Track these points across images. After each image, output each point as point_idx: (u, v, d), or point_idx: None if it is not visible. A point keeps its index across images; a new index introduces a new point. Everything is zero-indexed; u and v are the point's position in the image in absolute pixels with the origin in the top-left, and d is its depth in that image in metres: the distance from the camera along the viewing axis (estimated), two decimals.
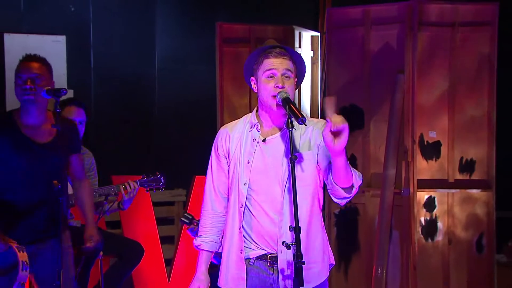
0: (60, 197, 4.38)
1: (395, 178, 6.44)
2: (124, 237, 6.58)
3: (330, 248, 4.04)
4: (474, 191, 6.65)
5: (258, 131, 3.88)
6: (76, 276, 5.11)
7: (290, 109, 3.68)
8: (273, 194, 3.87)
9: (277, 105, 3.77)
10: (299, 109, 3.75)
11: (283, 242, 3.80)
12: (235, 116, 7.46)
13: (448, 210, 6.59)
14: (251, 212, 3.87)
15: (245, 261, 3.88)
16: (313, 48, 7.96)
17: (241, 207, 3.86)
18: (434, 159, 6.56)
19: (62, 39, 7.95)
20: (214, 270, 4.16)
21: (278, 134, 3.90)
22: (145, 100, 8.60)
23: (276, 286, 3.87)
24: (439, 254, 6.57)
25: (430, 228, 6.57)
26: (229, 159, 3.91)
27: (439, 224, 6.57)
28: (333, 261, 4.04)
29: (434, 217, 6.56)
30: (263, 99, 3.82)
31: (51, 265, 4.44)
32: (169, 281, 6.78)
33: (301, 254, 3.59)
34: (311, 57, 7.94)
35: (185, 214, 5.73)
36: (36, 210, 4.68)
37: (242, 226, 3.88)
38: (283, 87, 3.75)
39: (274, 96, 3.75)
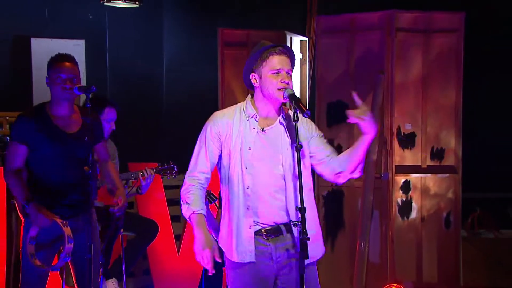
0: (90, 181, 4.32)
1: (376, 165, 6.43)
2: (141, 216, 6.52)
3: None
4: (443, 175, 6.65)
5: (256, 121, 3.84)
6: (102, 251, 5.06)
7: (296, 104, 3.69)
8: (273, 178, 3.85)
9: (284, 96, 3.77)
10: (304, 104, 3.73)
11: (290, 221, 3.83)
12: None
13: (421, 192, 6.59)
14: (251, 193, 3.83)
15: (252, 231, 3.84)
16: (302, 51, 7.95)
17: (247, 188, 3.80)
18: (409, 148, 6.54)
19: (81, 43, 7.90)
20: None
21: (274, 124, 3.90)
22: (154, 96, 8.61)
23: (273, 254, 3.85)
24: (413, 230, 6.56)
25: (406, 207, 6.56)
26: (224, 144, 3.82)
27: (413, 204, 6.56)
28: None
29: (409, 198, 6.54)
30: (268, 92, 3.80)
31: (83, 240, 4.37)
32: (178, 254, 6.71)
33: (306, 231, 3.61)
34: (300, 59, 7.92)
35: (210, 193, 5.66)
36: (69, 191, 4.61)
37: (245, 204, 3.84)
38: (288, 83, 3.76)
39: (280, 89, 3.75)
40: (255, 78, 3.83)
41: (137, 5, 7.33)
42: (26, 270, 4.62)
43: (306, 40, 7.95)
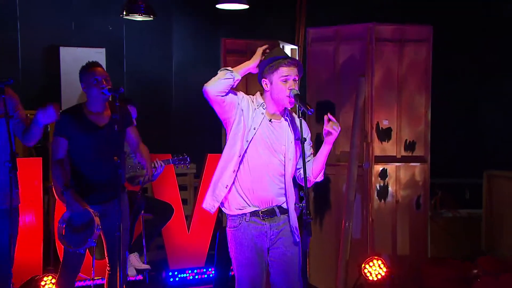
0: (119, 170, 4.34)
1: (358, 155, 6.42)
2: (158, 200, 6.50)
3: None
4: (414, 164, 6.66)
5: (264, 109, 3.90)
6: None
7: (301, 103, 3.75)
8: (273, 164, 3.89)
9: (290, 102, 3.84)
10: (308, 103, 3.76)
11: (295, 204, 3.90)
12: None
13: (396, 179, 6.61)
14: (249, 174, 3.87)
15: (241, 216, 3.91)
16: None
17: (239, 157, 3.85)
18: (386, 140, 6.56)
19: (103, 51, 7.89)
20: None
21: (281, 119, 3.95)
22: (165, 96, 8.60)
23: (268, 232, 3.90)
24: (389, 211, 6.59)
25: (383, 192, 6.59)
26: (238, 112, 3.88)
27: (390, 189, 6.58)
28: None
29: (386, 184, 6.57)
30: (277, 97, 3.86)
31: (114, 220, 4.39)
32: (188, 232, 6.70)
33: (309, 212, 3.65)
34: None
35: None
36: (101, 178, 4.64)
37: (240, 185, 3.89)
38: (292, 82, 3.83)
39: (288, 96, 3.80)
40: (266, 83, 3.91)
41: (151, 18, 7.31)
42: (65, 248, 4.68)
43: (296, 48, 7.92)
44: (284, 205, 3.94)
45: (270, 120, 3.90)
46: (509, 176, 7.63)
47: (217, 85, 3.81)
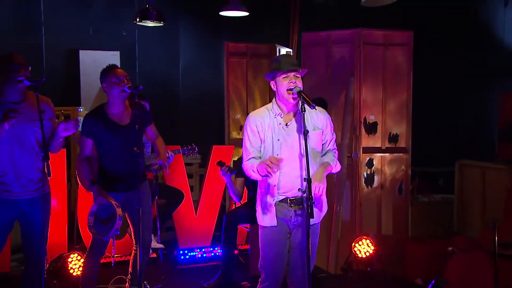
0: (139, 159, 4.32)
1: (348, 147, 6.44)
2: (171, 186, 6.47)
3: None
4: (397, 154, 6.68)
5: (282, 117, 3.86)
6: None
7: (303, 98, 3.72)
8: (295, 160, 3.85)
9: (293, 98, 3.80)
10: (310, 98, 3.72)
11: (298, 189, 3.82)
12: (237, 104, 7.48)
13: (381, 167, 6.63)
14: (280, 173, 3.81)
15: (274, 204, 3.87)
16: None
17: (276, 170, 3.73)
18: (373, 133, 6.57)
19: (117, 53, 7.86)
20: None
21: (294, 119, 3.89)
22: (172, 94, 8.59)
23: (293, 218, 3.88)
24: (375, 196, 6.62)
25: (370, 179, 6.60)
26: (260, 137, 3.85)
27: (375, 177, 6.60)
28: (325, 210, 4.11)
29: (372, 172, 6.58)
30: (281, 93, 3.84)
31: (136, 204, 4.36)
32: (196, 215, 6.68)
33: (312, 197, 3.65)
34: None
35: (220, 161, 5.77)
36: (126, 169, 4.61)
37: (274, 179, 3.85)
38: (295, 82, 3.79)
39: (289, 90, 3.78)
40: (273, 85, 3.91)
41: (161, 24, 7.28)
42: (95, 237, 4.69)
43: (290, 51, 7.92)
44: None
45: (286, 124, 3.87)
46: (477, 165, 7.65)
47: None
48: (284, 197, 3.86)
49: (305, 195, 3.73)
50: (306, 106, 3.77)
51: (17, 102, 4.27)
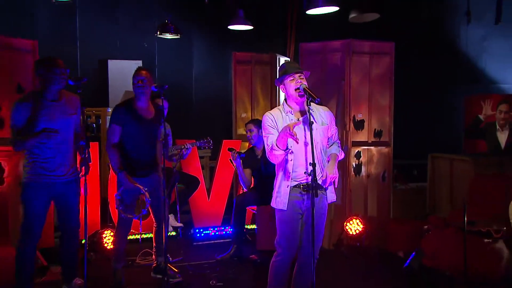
0: (164, 149, 4.44)
1: (340, 141, 6.33)
2: (188, 174, 6.45)
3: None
4: (381, 148, 6.64)
5: (292, 114, 3.84)
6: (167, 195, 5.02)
7: (308, 94, 3.69)
8: (304, 151, 3.82)
9: (300, 95, 3.78)
10: (315, 94, 3.69)
11: (304, 172, 3.79)
12: (243, 106, 7.44)
13: (367, 159, 6.59)
14: (294, 161, 3.81)
15: (289, 189, 3.84)
16: None
17: (291, 160, 3.79)
18: (360, 129, 6.51)
19: (140, 62, 7.75)
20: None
21: (303, 117, 3.86)
22: (187, 96, 8.63)
23: (305, 201, 3.84)
24: (363, 183, 6.57)
25: (358, 168, 6.55)
26: (278, 129, 3.79)
27: (362, 167, 6.55)
28: (334, 199, 4.04)
29: (360, 162, 6.54)
30: (291, 94, 3.83)
31: (153, 189, 4.48)
32: (208, 199, 6.66)
33: (316, 178, 3.61)
34: None
35: (231, 147, 5.84)
36: (147, 159, 4.62)
37: (289, 169, 3.82)
38: (300, 82, 3.79)
39: (297, 89, 3.77)
40: (282, 88, 3.90)
41: (178, 36, 7.28)
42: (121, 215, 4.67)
43: (288, 59, 7.88)
44: (320, 181, 3.83)
45: (298, 119, 3.84)
46: (446, 157, 7.65)
47: (280, 159, 3.81)
48: (297, 183, 3.83)
49: (311, 177, 3.66)
50: (312, 104, 3.75)
51: (55, 100, 4.23)
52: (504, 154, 7.61)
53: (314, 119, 3.83)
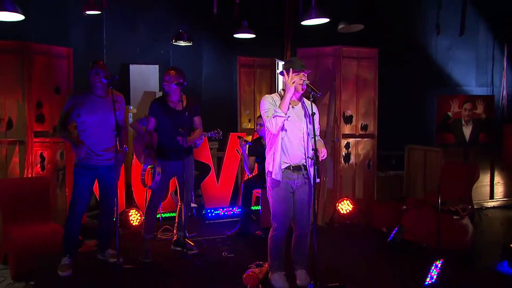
0: (183, 137, 4.48)
1: (332, 133, 6.44)
2: (201, 161, 6.48)
3: None
4: (367, 139, 6.70)
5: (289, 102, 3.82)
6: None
7: (311, 89, 3.76)
8: (299, 136, 3.85)
9: (302, 88, 3.85)
10: (317, 88, 3.76)
11: (308, 157, 3.85)
12: (247, 104, 7.49)
13: (355, 149, 6.65)
14: (286, 144, 3.82)
15: (281, 170, 3.84)
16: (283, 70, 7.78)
17: (282, 139, 3.80)
18: (349, 123, 6.58)
19: (157, 67, 7.81)
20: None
21: (299, 105, 3.91)
22: (197, 96, 8.43)
23: (296, 181, 3.86)
24: (351, 170, 6.64)
25: (347, 157, 6.61)
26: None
27: (351, 156, 6.62)
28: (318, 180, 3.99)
29: (349, 152, 6.60)
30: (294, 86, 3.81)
31: (181, 171, 4.51)
32: (217, 184, 6.70)
33: (318, 162, 3.68)
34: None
35: (239, 136, 6.00)
36: (174, 144, 4.62)
37: (283, 150, 3.82)
38: (303, 79, 3.84)
39: (300, 85, 3.83)
40: (286, 79, 3.86)
41: (191, 44, 7.31)
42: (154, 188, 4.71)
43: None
44: (304, 163, 3.89)
45: (293, 107, 3.87)
46: (421, 148, 7.77)
47: (277, 127, 3.75)
48: (288, 165, 3.85)
49: (313, 160, 3.74)
50: (304, 99, 3.88)
51: (102, 96, 4.33)
52: (468, 145, 7.73)
53: (308, 111, 3.88)
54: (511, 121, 8.10)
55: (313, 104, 3.82)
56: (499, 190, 7.86)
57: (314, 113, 3.78)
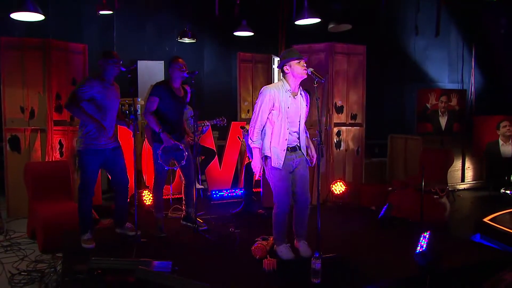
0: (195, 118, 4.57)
1: (324, 122, 6.48)
2: (207, 146, 6.48)
3: None
4: (356, 128, 6.73)
5: (290, 92, 3.82)
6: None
7: (315, 75, 3.74)
8: (297, 123, 3.86)
9: (307, 74, 3.79)
10: (321, 75, 3.75)
11: (313, 138, 3.87)
12: (245, 95, 7.49)
13: (345, 136, 6.68)
14: (286, 131, 3.82)
15: (284, 152, 3.84)
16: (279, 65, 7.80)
17: (287, 129, 3.79)
18: (340, 113, 6.59)
19: (162, 62, 7.83)
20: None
21: (298, 93, 3.88)
22: (199, 89, 8.46)
23: (294, 160, 3.87)
24: (342, 155, 6.66)
25: (338, 144, 6.61)
26: (274, 105, 3.76)
27: (342, 143, 6.65)
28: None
29: (340, 139, 6.63)
30: (297, 72, 3.80)
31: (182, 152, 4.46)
32: (220, 168, 6.70)
33: (322, 142, 3.70)
34: (278, 69, 7.75)
35: (242, 126, 5.95)
36: (176, 126, 4.63)
37: (284, 137, 3.82)
38: (306, 66, 3.79)
39: (305, 70, 3.78)
40: (287, 68, 3.81)
41: (194, 41, 7.30)
42: (156, 169, 4.66)
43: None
44: (299, 144, 3.92)
45: (294, 97, 3.85)
46: (402, 137, 7.88)
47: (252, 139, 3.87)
48: (287, 146, 3.85)
49: (318, 141, 3.77)
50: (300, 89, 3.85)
51: (111, 84, 4.29)
52: (444, 133, 7.86)
53: (304, 100, 3.90)
54: (479, 114, 8.24)
55: (308, 93, 3.90)
56: (469, 174, 8.04)
57: (319, 98, 3.78)
